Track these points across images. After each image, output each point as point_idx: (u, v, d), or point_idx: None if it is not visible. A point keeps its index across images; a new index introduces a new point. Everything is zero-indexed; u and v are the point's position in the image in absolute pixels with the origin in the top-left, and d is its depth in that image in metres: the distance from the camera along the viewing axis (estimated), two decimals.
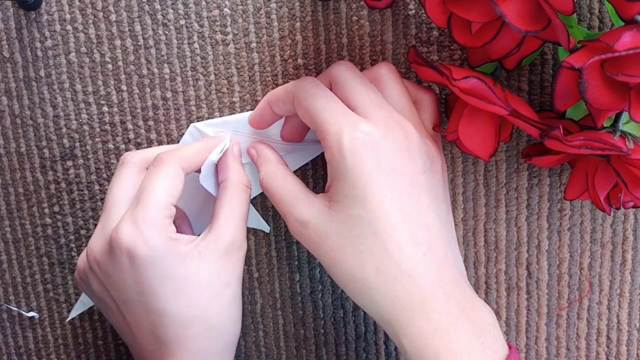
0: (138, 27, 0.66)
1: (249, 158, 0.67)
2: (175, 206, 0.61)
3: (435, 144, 0.62)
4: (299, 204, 0.60)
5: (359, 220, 0.56)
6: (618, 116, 0.54)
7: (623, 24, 0.47)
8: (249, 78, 0.67)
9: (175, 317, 0.59)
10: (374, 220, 0.56)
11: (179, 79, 0.67)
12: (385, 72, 0.62)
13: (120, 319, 0.63)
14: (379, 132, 0.57)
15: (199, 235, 0.62)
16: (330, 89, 0.61)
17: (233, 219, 0.63)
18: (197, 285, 0.60)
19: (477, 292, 0.70)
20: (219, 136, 0.66)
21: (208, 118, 0.68)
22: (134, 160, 0.63)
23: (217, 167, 0.66)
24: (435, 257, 0.57)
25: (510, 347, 0.57)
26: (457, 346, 0.54)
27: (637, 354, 0.72)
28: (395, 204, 0.56)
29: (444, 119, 0.66)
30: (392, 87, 0.61)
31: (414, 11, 0.65)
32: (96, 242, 0.61)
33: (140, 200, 0.59)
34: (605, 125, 0.55)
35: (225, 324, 0.62)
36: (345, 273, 0.58)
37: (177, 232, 0.61)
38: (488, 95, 0.53)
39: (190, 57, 0.67)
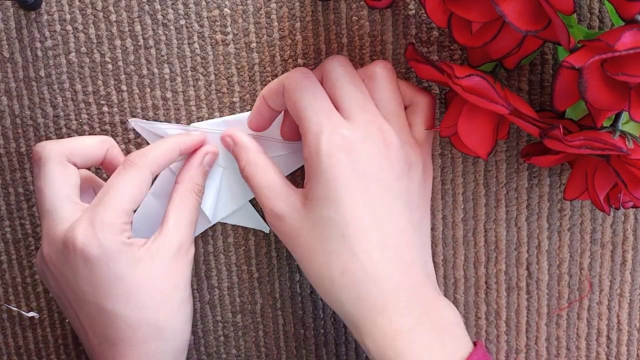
0: (138, 27, 0.66)
1: (225, 146, 0.68)
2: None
3: (420, 150, 0.63)
4: (276, 197, 0.62)
5: (330, 221, 0.58)
6: (618, 116, 0.54)
7: (623, 23, 0.47)
8: (249, 78, 0.67)
9: (126, 319, 0.60)
10: (344, 223, 0.57)
11: (179, 79, 0.67)
12: (380, 71, 0.62)
13: (74, 317, 0.63)
14: (357, 137, 0.58)
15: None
16: (322, 83, 0.62)
17: (181, 224, 0.64)
18: (148, 289, 0.60)
19: (477, 292, 0.71)
20: (193, 134, 0.67)
21: (208, 118, 0.68)
22: (52, 154, 0.62)
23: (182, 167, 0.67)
24: (402, 261, 0.58)
25: (475, 344, 0.59)
26: (417, 346, 0.56)
27: (637, 354, 0.72)
28: (366, 209, 0.58)
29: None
30: (383, 88, 0.62)
31: (414, 11, 0.65)
32: (50, 241, 0.61)
33: (102, 201, 0.60)
34: (605, 125, 0.55)
35: (174, 327, 0.62)
36: (314, 271, 0.59)
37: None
38: (490, 93, 0.53)
39: (190, 57, 0.67)
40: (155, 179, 0.66)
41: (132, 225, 0.62)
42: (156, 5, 0.66)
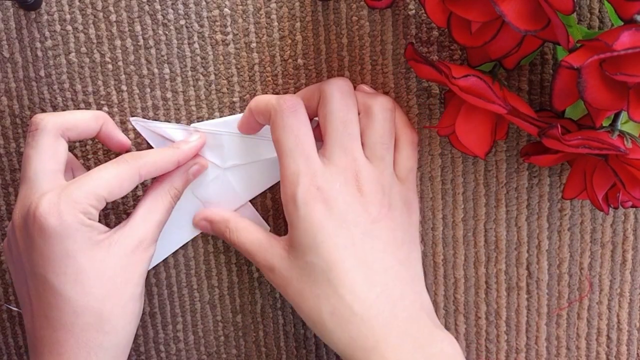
0: (138, 27, 0.66)
1: (201, 228, 0.70)
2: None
3: (400, 189, 0.64)
4: (264, 252, 0.63)
5: (314, 267, 0.59)
6: (617, 116, 0.54)
7: (622, 23, 0.47)
8: (249, 78, 0.67)
9: (71, 301, 0.59)
10: (326, 267, 0.59)
11: (179, 79, 0.68)
12: (377, 112, 0.63)
13: (24, 294, 0.62)
14: (332, 185, 0.60)
15: None
16: (318, 103, 0.62)
17: (148, 220, 0.64)
18: (98, 275, 0.60)
19: (477, 292, 0.71)
20: (193, 144, 0.67)
21: (208, 118, 0.68)
22: (49, 127, 0.62)
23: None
24: (391, 297, 0.59)
25: None
26: None
27: (638, 354, 0.72)
28: (347, 251, 0.59)
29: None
30: (374, 130, 0.63)
31: (414, 11, 0.65)
32: (17, 212, 0.61)
33: (78, 180, 0.60)
34: (604, 124, 0.55)
35: (117, 321, 0.61)
36: (306, 315, 0.61)
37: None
38: (487, 93, 0.53)
39: (191, 57, 0.67)
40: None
41: (98, 217, 0.62)
42: (156, 5, 0.66)
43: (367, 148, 0.62)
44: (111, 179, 0.61)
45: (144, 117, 0.68)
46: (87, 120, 0.64)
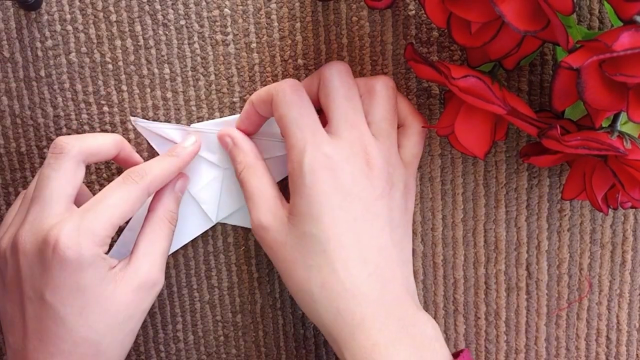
0: (138, 28, 0.67)
1: (222, 145, 0.68)
2: None
3: (404, 171, 0.64)
4: (266, 208, 0.63)
5: (311, 237, 0.59)
6: (616, 116, 0.54)
7: (622, 24, 0.47)
8: (249, 78, 0.67)
9: (72, 332, 0.59)
10: (324, 239, 0.59)
11: (179, 79, 0.68)
12: (379, 89, 0.63)
13: (16, 314, 0.62)
14: (340, 156, 0.59)
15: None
16: (318, 89, 0.63)
17: (151, 254, 0.64)
18: (103, 311, 0.60)
19: (476, 292, 0.71)
20: (187, 152, 0.67)
21: (208, 118, 0.68)
22: (73, 152, 0.61)
23: (154, 195, 0.67)
24: (382, 277, 0.59)
25: (460, 354, 0.60)
26: None
27: (637, 355, 0.72)
28: (347, 225, 0.59)
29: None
30: (379, 107, 0.63)
31: (414, 12, 0.65)
32: (27, 234, 0.60)
33: (94, 209, 0.60)
34: (603, 125, 0.55)
35: (114, 353, 0.62)
36: (294, 284, 0.61)
37: None
38: (486, 94, 0.53)
39: (191, 57, 0.67)
40: None
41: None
42: (156, 6, 0.66)
43: (373, 125, 0.62)
44: (124, 204, 0.61)
45: (144, 117, 0.68)
46: (108, 146, 0.64)
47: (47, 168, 0.61)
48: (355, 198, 0.59)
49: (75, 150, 0.61)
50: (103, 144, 0.64)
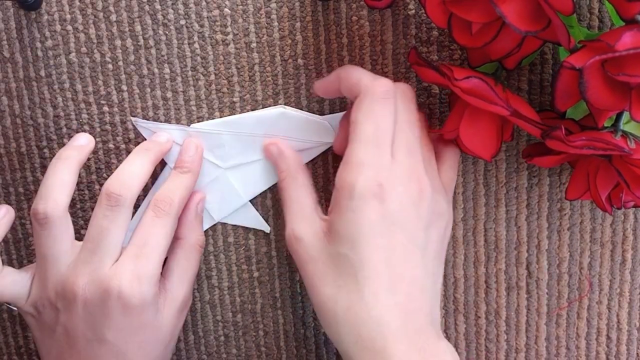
0: (138, 27, 0.66)
1: (266, 154, 0.68)
2: None
3: (447, 198, 0.63)
4: (302, 219, 0.63)
5: (345, 259, 0.58)
6: (619, 116, 0.54)
7: (623, 23, 0.47)
8: (249, 78, 0.67)
9: None
10: (358, 264, 0.58)
11: (179, 79, 0.68)
12: (421, 117, 0.63)
13: (66, 351, 0.63)
14: (393, 183, 0.58)
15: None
16: None
17: (186, 280, 0.66)
18: (157, 340, 0.64)
19: (476, 292, 0.71)
20: (195, 162, 0.68)
21: (208, 118, 0.68)
22: (128, 203, 0.62)
23: (179, 220, 0.67)
24: (408, 308, 0.58)
25: None
26: None
27: (637, 354, 0.72)
28: (384, 254, 0.58)
29: (444, 118, 0.67)
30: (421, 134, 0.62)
31: (413, 11, 0.65)
32: (88, 285, 0.61)
33: (144, 253, 0.62)
34: (606, 125, 0.55)
35: None
36: (320, 300, 0.60)
37: None
38: (489, 95, 0.53)
39: (191, 57, 0.67)
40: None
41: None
42: (156, 5, 0.66)
43: (422, 151, 0.62)
44: (165, 241, 0.63)
45: (144, 117, 0.68)
46: (147, 171, 0.65)
47: (103, 220, 0.61)
48: (399, 228, 0.58)
49: (129, 201, 0.62)
50: (145, 172, 0.64)
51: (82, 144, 0.65)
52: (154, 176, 0.69)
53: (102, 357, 0.61)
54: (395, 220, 0.58)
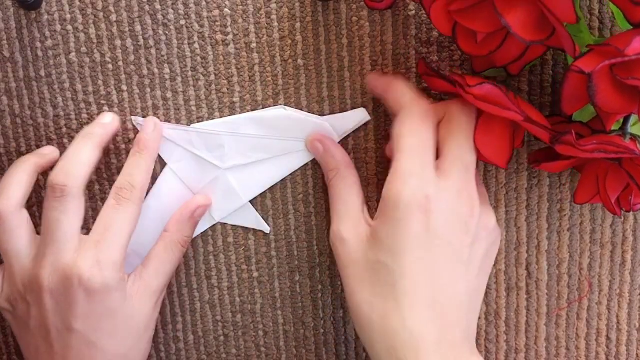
0: (138, 27, 0.66)
1: (312, 150, 0.68)
2: None
3: (493, 213, 0.63)
4: (348, 220, 0.63)
5: (386, 267, 0.58)
6: (626, 119, 0.54)
7: (630, 27, 0.47)
8: (249, 78, 0.67)
9: (104, 352, 0.62)
10: (399, 274, 0.57)
11: (179, 79, 0.67)
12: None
13: (42, 347, 0.63)
14: (442, 198, 0.58)
15: None
16: (440, 120, 0.61)
17: (162, 272, 0.67)
18: (129, 327, 0.64)
19: None
20: (150, 141, 0.67)
21: (208, 118, 0.68)
22: (74, 192, 0.62)
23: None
24: (445, 322, 0.58)
25: None
26: None
27: (637, 354, 0.72)
28: (426, 267, 0.58)
29: None
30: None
31: (414, 12, 0.65)
32: (50, 275, 0.61)
33: (105, 238, 0.62)
34: (613, 128, 0.55)
35: None
36: (356, 304, 0.60)
37: None
38: (503, 101, 0.53)
39: (191, 57, 0.67)
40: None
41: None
42: (156, 5, 0.66)
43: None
44: (128, 226, 0.63)
45: (144, 117, 0.68)
46: (95, 156, 0.64)
47: (53, 212, 0.62)
48: (444, 242, 0.58)
49: (75, 190, 0.62)
50: (91, 158, 0.64)
51: (106, 122, 0.66)
52: (154, 176, 0.69)
53: (73, 347, 0.61)
54: (440, 235, 0.58)
